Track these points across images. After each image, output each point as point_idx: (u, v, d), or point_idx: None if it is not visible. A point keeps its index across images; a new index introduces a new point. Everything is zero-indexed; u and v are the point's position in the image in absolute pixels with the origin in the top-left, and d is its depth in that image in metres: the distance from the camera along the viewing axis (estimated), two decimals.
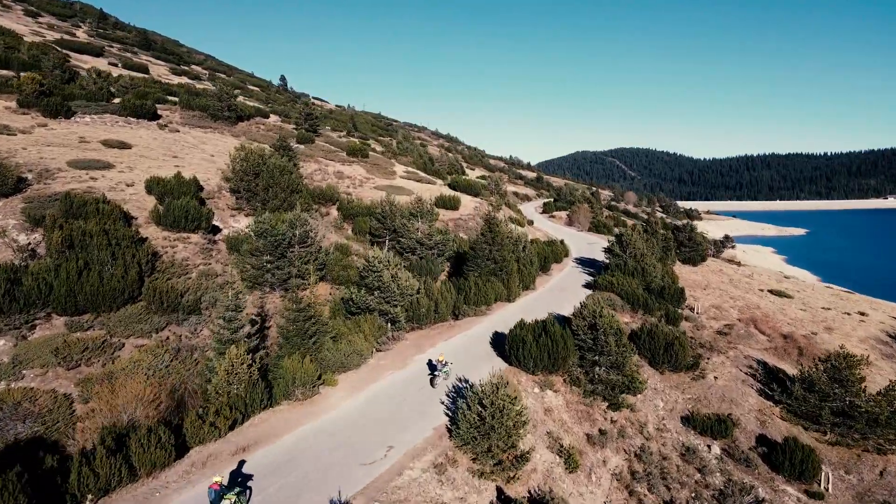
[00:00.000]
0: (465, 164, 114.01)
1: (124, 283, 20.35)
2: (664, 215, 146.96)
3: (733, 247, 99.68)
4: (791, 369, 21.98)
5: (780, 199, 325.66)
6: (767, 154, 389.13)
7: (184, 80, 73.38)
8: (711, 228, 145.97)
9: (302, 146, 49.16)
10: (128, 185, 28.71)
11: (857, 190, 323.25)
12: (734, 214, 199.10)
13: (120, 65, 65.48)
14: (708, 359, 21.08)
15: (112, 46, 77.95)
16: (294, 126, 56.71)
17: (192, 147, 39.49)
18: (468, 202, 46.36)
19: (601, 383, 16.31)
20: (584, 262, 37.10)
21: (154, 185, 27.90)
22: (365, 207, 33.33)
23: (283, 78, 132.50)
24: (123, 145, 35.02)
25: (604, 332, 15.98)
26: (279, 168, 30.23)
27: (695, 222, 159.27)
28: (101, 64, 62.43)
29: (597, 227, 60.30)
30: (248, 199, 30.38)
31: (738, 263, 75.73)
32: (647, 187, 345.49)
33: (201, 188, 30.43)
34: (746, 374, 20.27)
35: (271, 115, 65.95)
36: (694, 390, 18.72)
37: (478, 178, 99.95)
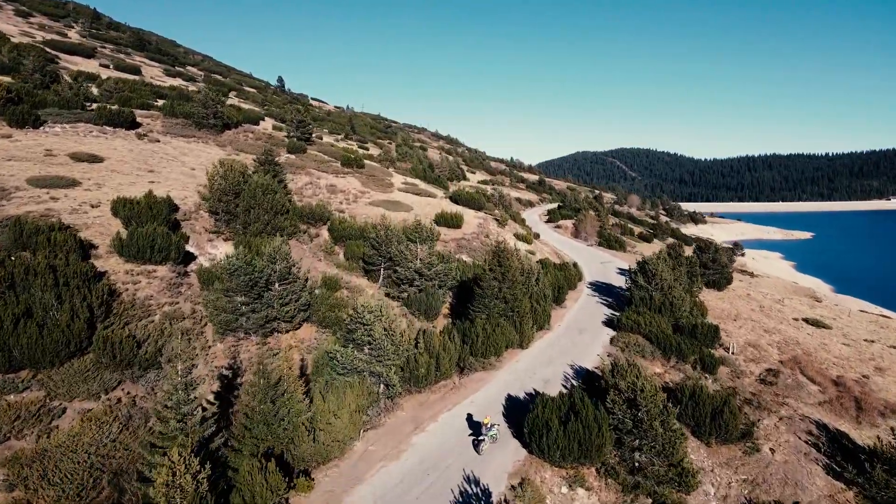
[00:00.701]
0: (465, 168, 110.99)
1: (70, 333, 17.29)
2: (668, 219, 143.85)
3: (742, 254, 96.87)
4: (852, 430, 18.86)
5: (783, 201, 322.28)
6: (769, 154, 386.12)
7: (178, 81, 70.22)
8: (717, 232, 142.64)
9: (293, 156, 45.98)
10: (92, 207, 25.56)
11: (860, 191, 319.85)
12: (739, 217, 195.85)
13: (111, 66, 62.30)
14: (758, 421, 17.90)
15: (105, 47, 74.83)
16: (286, 134, 53.47)
17: (171, 159, 36.28)
18: (471, 218, 42.99)
19: (643, 475, 13.13)
20: (600, 289, 33.77)
21: (121, 207, 24.68)
22: (359, 228, 30.14)
23: (280, 79, 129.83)
24: (94, 158, 31.84)
25: (647, 411, 12.85)
26: (262, 187, 27.06)
27: (700, 226, 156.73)
28: (92, 65, 59.25)
29: (608, 242, 56.72)
30: (228, 222, 27.19)
31: (751, 274, 72.59)
32: (647, 188, 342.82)
33: (176, 209, 27.27)
34: (807, 442, 17.09)
35: (266, 118, 62.70)
36: (749, 469, 15.55)
37: (479, 182, 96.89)
